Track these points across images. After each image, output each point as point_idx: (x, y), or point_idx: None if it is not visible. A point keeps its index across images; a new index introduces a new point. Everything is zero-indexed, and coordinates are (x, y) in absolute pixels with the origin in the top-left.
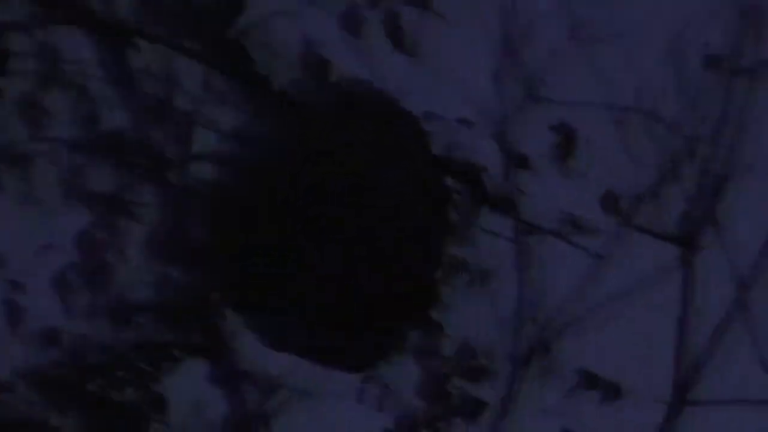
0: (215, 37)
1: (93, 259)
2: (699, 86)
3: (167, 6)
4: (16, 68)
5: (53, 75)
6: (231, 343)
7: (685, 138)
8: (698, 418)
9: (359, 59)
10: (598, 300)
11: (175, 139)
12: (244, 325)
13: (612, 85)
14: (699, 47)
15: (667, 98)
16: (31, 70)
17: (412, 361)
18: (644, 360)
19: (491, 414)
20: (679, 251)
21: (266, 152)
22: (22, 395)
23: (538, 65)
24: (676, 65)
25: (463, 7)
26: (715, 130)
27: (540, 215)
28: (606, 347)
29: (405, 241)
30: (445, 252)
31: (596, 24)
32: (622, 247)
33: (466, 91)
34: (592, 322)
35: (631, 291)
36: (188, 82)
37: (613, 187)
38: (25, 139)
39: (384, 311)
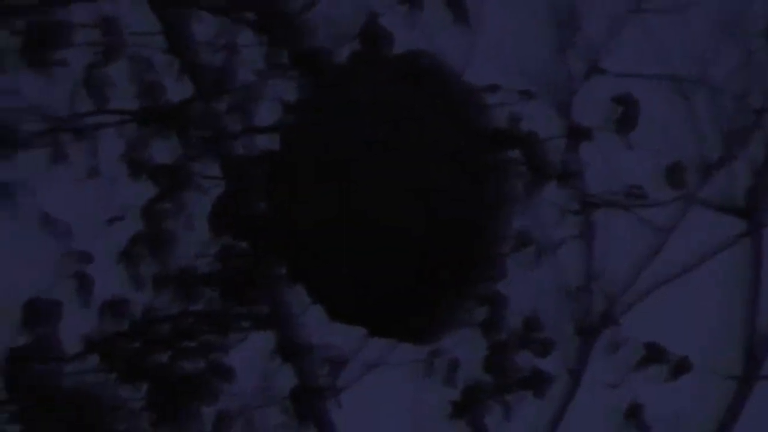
0: (276, 10)
1: (159, 230)
2: (764, 58)
3: None
4: (81, 41)
5: (117, 47)
6: (297, 315)
7: (752, 110)
8: None
9: (420, 32)
10: (663, 273)
11: (238, 111)
12: (310, 298)
13: (674, 58)
14: (763, 19)
15: (732, 71)
16: (95, 43)
17: (478, 335)
18: (712, 334)
19: (558, 387)
20: (745, 224)
21: (330, 125)
22: (91, 366)
23: (600, 37)
24: (739, 37)
25: None
26: None
27: (603, 187)
28: (673, 321)
29: (468, 214)
30: (510, 225)
31: None
32: (687, 220)
33: (528, 63)
34: (658, 295)
35: (697, 264)
36: (250, 54)
37: (677, 159)
38: (91, 111)
39: (450, 284)
